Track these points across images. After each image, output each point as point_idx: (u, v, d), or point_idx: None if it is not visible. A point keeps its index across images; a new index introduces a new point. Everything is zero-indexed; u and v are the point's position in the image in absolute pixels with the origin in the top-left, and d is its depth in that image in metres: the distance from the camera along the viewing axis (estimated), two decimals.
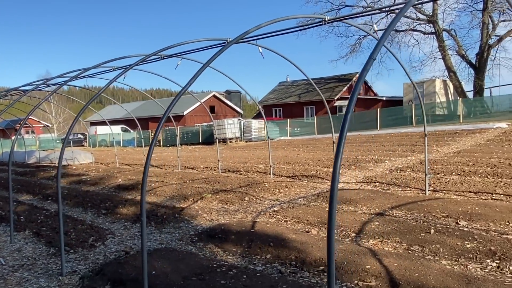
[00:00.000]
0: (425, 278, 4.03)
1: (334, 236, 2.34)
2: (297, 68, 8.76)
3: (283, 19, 5.62)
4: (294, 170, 11.54)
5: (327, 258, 2.32)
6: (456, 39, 33.70)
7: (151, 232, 6.56)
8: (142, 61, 6.74)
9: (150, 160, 3.82)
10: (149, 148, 3.88)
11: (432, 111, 32.88)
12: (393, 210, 6.77)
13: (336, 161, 2.40)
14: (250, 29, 5.13)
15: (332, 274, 2.31)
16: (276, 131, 34.21)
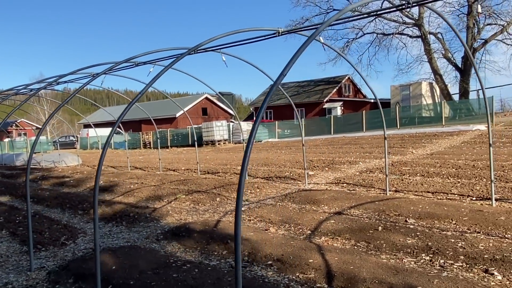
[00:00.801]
0: (358, 270, 4.42)
1: (240, 225, 2.71)
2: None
3: (244, 30, 6.05)
4: (270, 171, 11.92)
5: (235, 245, 2.69)
6: (443, 42, 34.29)
7: (121, 231, 6.91)
8: (114, 68, 7.14)
9: (103, 163, 4.17)
10: (102, 150, 4.22)
11: (419, 113, 33.37)
12: (351, 210, 7.16)
13: (243, 164, 2.77)
14: (212, 38, 5.57)
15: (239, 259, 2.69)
16: (265, 133, 34.61)
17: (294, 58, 3.11)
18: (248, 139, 2.84)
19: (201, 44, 5.55)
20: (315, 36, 3.51)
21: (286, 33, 5.95)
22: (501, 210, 6.33)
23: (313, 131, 33.66)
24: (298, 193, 8.64)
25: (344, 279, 4.31)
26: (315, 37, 3.38)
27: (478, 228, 5.67)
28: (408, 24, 34.81)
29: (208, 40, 5.55)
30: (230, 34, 5.75)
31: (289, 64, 3.08)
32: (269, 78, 8.71)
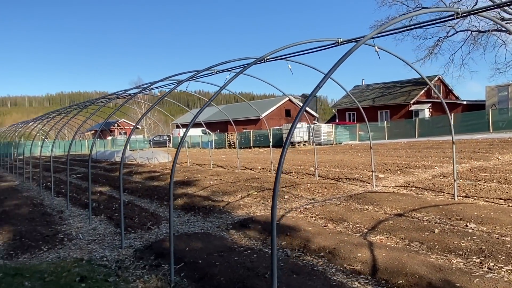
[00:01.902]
0: (403, 266, 4.71)
1: (275, 216, 3.27)
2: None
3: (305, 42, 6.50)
4: (341, 173, 12.19)
5: (271, 232, 3.25)
6: None
7: (197, 220, 7.83)
8: (192, 77, 8.05)
9: (177, 161, 4.98)
10: (176, 149, 5.03)
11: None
12: (412, 212, 7.28)
13: (278, 168, 3.30)
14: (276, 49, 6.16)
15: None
16: (346, 135, 34.36)
17: (328, 73, 3.56)
18: (285, 142, 3.22)
19: (267, 55, 6.17)
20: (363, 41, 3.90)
21: (346, 43, 6.30)
22: None
23: (396, 134, 32.66)
24: (363, 195, 8.88)
25: (387, 273, 4.64)
26: (364, 42, 3.76)
27: None
28: (508, 20, 32.10)
29: (273, 51, 6.17)
30: (293, 45, 6.29)
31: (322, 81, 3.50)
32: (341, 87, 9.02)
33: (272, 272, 3.25)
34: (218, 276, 4.76)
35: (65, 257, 6.05)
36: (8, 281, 5.04)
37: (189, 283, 4.78)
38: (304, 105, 3.59)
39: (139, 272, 5.31)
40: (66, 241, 6.83)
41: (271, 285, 3.33)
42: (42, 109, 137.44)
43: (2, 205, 10.16)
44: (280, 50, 6.07)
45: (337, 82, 8.86)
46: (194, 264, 5.26)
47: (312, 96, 3.70)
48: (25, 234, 7.15)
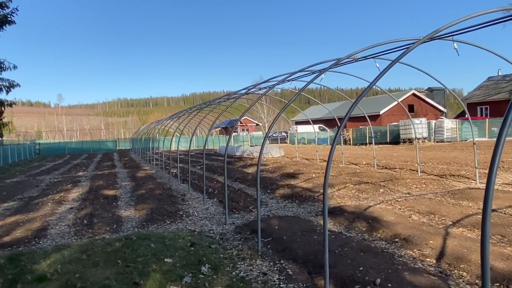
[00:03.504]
0: (470, 253, 4.96)
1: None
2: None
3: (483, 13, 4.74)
4: (447, 170, 11.85)
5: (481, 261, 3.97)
6: None
7: (292, 206, 8.73)
8: (335, 65, 6.58)
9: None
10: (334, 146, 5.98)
11: None
12: (509, 209, 7.08)
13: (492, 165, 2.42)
14: (441, 27, 4.74)
15: None
16: (475, 132, 31.62)
17: None
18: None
19: (436, 31, 4.71)
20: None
21: None
22: None
23: None
24: (462, 190, 8.75)
25: (452, 258, 4.94)
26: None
27: None
28: None
29: (444, 27, 4.72)
30: (466, 19, 4.72)
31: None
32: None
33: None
34: (296, 249, 5.59)
35: (182, 229, 7.49)
36: (139, 243, 6.58)
37: (273, 253, 5.71)
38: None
39: (236, 242, 6.42)
40: (184, 217, 8.35)
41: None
42: (178, 108, 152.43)
43: (141, 188, 12.41)
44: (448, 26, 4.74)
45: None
46: (280, 239, 6.17)
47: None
48: (155, 210, 8.89)
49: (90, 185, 13.64)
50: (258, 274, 5.01)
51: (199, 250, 6.01)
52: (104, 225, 7.86)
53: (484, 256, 2.22)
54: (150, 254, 5.90)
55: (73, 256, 5.92)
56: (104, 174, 17.79)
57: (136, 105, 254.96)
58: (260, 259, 5.51)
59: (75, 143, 53.59)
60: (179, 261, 5.53)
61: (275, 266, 5.22)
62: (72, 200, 10.90)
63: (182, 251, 6.01)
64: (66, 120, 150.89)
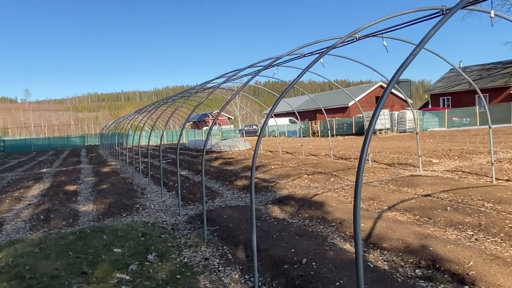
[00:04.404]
0: (392, 233, 5.45)
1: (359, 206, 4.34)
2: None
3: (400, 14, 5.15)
4: (397, 159, 12.50)
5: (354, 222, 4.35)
6: None
7: (246, 197, 9.11)
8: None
9: (261, 148, 6.27)
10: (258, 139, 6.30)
11: None
12: (441, 193, 7.68)
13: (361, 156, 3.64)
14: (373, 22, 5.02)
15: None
16: (435, 122, 32.91)
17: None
18: (368, 129, 2.66)
19: (358, 30, 5.04)
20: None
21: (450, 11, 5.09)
22: None
23: (492, 119, 30.34)
24: (405, 178, 9.35)
25: (377, 238, 5.43)
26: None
27: None
28: None
29: (365, 26, 5.05)
30: (388, 17, 5.09)
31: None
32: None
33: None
34: (239, 236, 5.97)
35: (137, 221, 7.75)
36: (92, 235, 6.81)
37: (217, 240, 6.07)
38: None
39: (186, 232, 6.75)
40: (140, 210, 8.60)
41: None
42: (151, 102, 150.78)
43: (102, 183, 12.53)
44: (373, 24, 5.07)
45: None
46: (227, 227, 6.54)
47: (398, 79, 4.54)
48: (113, 204, 9.10)
49: (52, 182, 13.65)
50: (201, 259, 5.37)
51: (149, 240, 6.31)
52: (60, 220, 8.02)
53: (355, 220, 2.62)
54: (101, 245, 6.15)
55: (26, 250, 6.11)
56: (68, 170, 17.72)
57: (107, 100, 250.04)
58: (205, 246, 5.87)
59: (42, 139, 52.49)
60: (128, 251, 5.81)
61: (217, 252, 5.59)
62: (32, 196, 10.95)
63: (133, 241, 6.29)
64: (33, 116, 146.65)
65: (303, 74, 4.71)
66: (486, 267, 4.15)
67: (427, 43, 2.80)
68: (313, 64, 4.83)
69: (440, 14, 5.04)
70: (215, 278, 4.73)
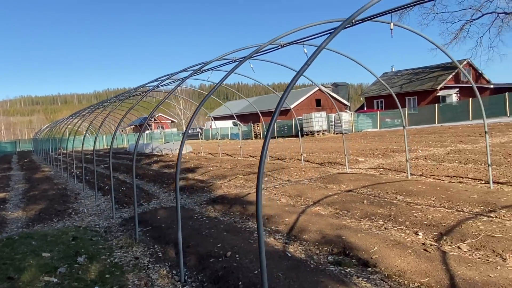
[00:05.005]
0: (312, 225, 5.92)
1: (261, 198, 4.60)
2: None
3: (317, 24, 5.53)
4: (328, 158, 13.26)
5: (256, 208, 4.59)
6: None
7: (182, 198, 9.29)
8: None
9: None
10: (181, 141, 6.46)
11: None
12: (362, 188, 8.35)
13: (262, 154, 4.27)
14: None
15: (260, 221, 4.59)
16: (369, 123, 34.81)
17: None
18: (266, 133, 2.96)
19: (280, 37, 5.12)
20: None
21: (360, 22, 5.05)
22: (487, 191, 6.94)
23: (420, 120, 32.75)
24: (332, 176, 10.00)
25: (298, 231, 5.88)
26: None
27: (446, 204, 6.53)
28: None
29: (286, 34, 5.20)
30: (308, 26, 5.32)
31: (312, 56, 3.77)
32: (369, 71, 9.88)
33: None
34: (171, 235, 6.17)
35: (69, 226, 7.68)
36: (21, 241, 6.68)
37: (149, 240, 6.24)
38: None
39: (118, 234, 6.83)
40: (73, 215, 8.50)
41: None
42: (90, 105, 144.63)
43: (34, 190, 12.11)
44: (294, 32, 5.29)
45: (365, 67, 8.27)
46: (159, 227, 6.72)
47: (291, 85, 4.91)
48: (44, 210, 8.90)
49: None
50: (131, 259, 5.52)
51: (80, 243, 6.33)
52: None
53: (258, 210, 2.97)
54: (29, 251, 6.08)
55: None
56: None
57: (42, 103, 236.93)
58: (137, 246, 6.01)
59: None
60: (57, 255, 5.81)
61: (148, 251, 5.76)
62: None
63: (63, 245, 6.28)
64: None
65: (226, 78, 5.22)
66: (387, 251, 4.70)
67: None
68: (235, 68, 5.29)
69: (352, 25, 5.73)
70: (144, 275, 4.92)
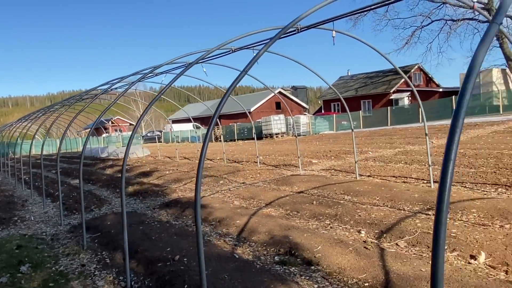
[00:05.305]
0: (262, 227, 6.04)
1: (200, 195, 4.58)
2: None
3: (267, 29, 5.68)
4: (284, 160, 13.51)
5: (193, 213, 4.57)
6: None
7: (135, 203, 9.19)
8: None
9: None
10: (128, 143, 6.35)
11: (489, 102, 31.93)
12: (313, 190, 8.59)
13: (200, 159, 4.58)
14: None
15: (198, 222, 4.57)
16: (326, 126, 35.62)
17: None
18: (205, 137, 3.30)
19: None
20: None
21: (305, 29, 5.64)
22: (428, 190, 7.35)
23: (373, 122, 33.88)
24: (285, 178, 10.20)
25: (249, 232, 5.98)
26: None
27: (389, 203, 6.86)
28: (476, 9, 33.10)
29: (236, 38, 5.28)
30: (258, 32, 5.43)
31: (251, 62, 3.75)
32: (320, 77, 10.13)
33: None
34: (120, 240, 6.07)
35: (13, 234, 7.40)
36: None
37: (97, 246, 6.14)
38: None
39: (66, 241, 6.67)
40: (19, 222, 8.20)
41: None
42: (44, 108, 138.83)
43: None
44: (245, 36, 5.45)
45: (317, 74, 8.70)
46: (108, 233, 6.62)
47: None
48: None
49: None
50: (78, 266, 5.41)
51: (24, 252, 6.13)
52: None
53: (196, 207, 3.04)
54: None
55: None
56: None
57: None
58: (84, 253, 5.90)
59: None
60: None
61: (96, 257, 5.67)
62: None
63: (6, 254, 6.06)
64: None
65: (175, 81, 5.50)
66: (330, 250, 4.89)
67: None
68: (184, 71, 5.40)
69: (296, 32, 6.01)
70: (89, 282, 4.85)
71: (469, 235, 4.89)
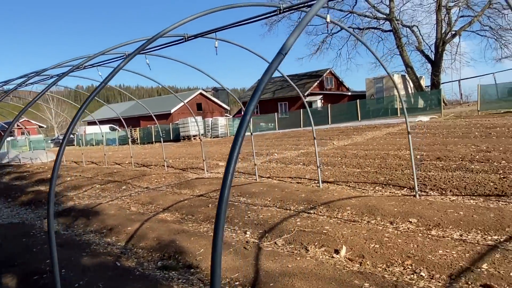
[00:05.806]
0: (152, 232, 6.10)
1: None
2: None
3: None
4: (192, 163, 13.61)
5: None
6: (417, 34, 35.35)
7: (25, 213, 8.71)
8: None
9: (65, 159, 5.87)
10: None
11: (392, 105, 34.78)
12: (212, 192, 8.79)
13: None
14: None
15: None
16: None
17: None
18: (62, 142, 3.89)
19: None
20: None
21: (193, 38, 6.06)
22: (315, 190, 7.92)
23: (287, 124, 35.19)
24: (189, 181, 10.32)
25: (138, 238, 6.01)
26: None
27: (279, 203, 7.29)
28: (380, 19, 36.04)
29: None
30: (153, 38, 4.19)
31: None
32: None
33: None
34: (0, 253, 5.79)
35: None
36: None
37: None
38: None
39: None
40: None
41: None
42: None
43: None
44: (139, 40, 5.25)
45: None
46: None
47: None
48: None
49: None
50: None
51: None
52: None
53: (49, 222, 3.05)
54: None
55: None
56: None
57: None
58: None
59: None
60: None
61: None
62: None
63: None
64: None
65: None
66: (207, 253, 5.10)
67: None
68: (67, 72, 5.31)
69: (184, 40, 6.25)
70: None
71: (338, 231, 5.40)
